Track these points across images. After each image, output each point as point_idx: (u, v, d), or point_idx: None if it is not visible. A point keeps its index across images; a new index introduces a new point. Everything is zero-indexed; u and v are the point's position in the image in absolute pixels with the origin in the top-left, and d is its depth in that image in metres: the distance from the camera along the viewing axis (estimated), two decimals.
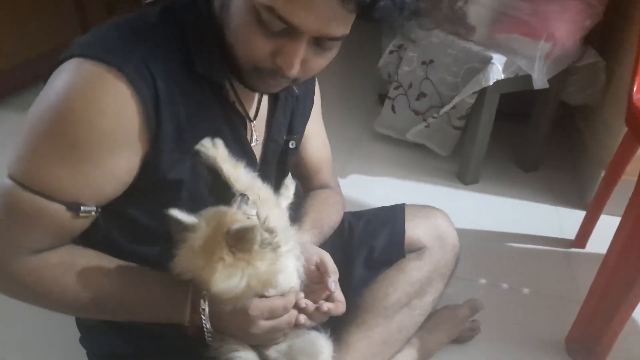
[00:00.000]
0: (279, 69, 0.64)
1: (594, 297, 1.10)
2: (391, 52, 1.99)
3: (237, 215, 0.64)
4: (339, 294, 0.76)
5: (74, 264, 0.66)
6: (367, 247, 0.98)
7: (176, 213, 0.63)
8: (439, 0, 1.77)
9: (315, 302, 0.74)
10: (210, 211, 0.65)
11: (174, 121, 0.66)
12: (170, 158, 0.67)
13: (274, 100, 0.81)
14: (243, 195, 0.67)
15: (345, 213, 1.02)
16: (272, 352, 0.74)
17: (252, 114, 0.79)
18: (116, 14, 2.72)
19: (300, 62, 0.63)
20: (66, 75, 0.62)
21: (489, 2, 1.63)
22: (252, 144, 0.79)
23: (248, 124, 0.77)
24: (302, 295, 0.73)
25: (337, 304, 0.75)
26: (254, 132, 0.79)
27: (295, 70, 0.63)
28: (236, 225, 0.61)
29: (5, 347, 1.10)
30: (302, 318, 0.72)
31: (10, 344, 1.11)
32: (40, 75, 0.67)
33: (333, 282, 0.75)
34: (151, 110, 0.63)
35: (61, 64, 0.64)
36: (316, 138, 0.97)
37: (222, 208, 0.66)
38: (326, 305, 0.73)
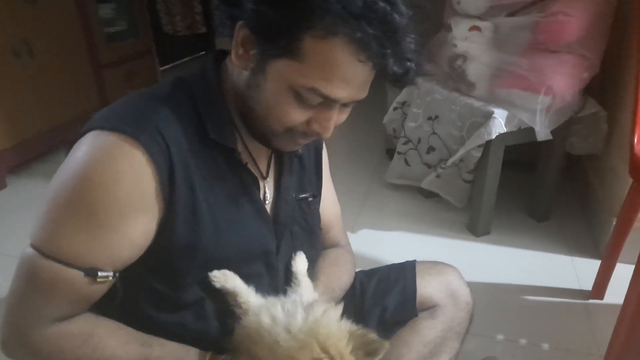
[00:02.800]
0: (313, 132, 0.71)
1: (614, 350, 1.07)
2: (395, 108, 2.06)
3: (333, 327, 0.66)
4: None
5: (92, 334, 0.67)
6: (380, 307, 0.97)
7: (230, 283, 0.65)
8: (439, 59, 1.84)
9: None
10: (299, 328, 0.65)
11: (188, 186, 0.68)
12: (184, 222, 0.69)
13: (279, 160, 0.85)
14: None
15: (356, 273, 1.02)
16: None
17: (264, 173, 0.82)
18: (133, 83, 2.89)
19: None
20: (85, 147, 0.66)
21: (486, 59, 1.69)
22: (266, 202, 0.81)
23: (261, 182, 0.80)
24: None
25: None
26: (267, 190, 0.82)
27: (330, 133, 0.71)
28: (370, 340, 0.63)
29: None
30: None
31: None
32: (62, 142, 0.71)
33: None
34: (165, 175, 0.66)
35: (81, 137, 0.68)
36: (326, 196, 0.99)
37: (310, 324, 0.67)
38: None
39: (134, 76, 2.91)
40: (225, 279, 0.72)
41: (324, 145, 0.98)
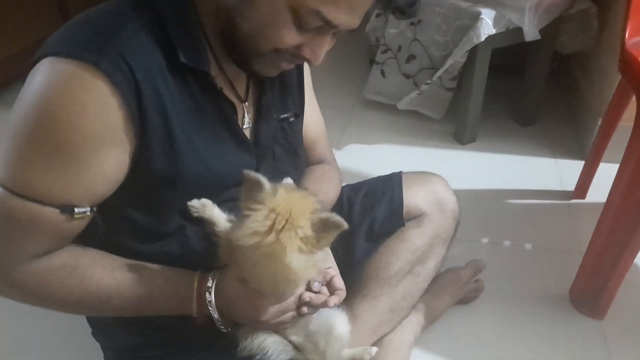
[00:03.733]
0: (302, 58, 0.67)
1: (596, 247, 1.11)
2: (377, 15, 1.95)
3: (317, 205, 0.66)
4: (338, 282, 0.77)
5: (77, 266, 0.67)
6: (368, 219, 0.98)
7: (254, 174, 0.63)
8: None
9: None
10: (282, 188, 0.65)
11: (160, 115, 0.64)
12: (162, 152, 0.66)
13: (260, 81, 0.80)
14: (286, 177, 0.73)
15: (343, 187, 1.02)
16: (292, 337, 0.77)
17: (242, 96, 0.78)
18: (96, 3, 2.67)
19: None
20: (42, 77, 0.60)
21: None
22: (245, 127, 0.78)
23: (239, 107, 0.76)
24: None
25: (339, 293, 0.76)
26: (246, 115, 0.78)
27: (319, 61, 0.68)
28: (329, 216, 0.63)
29: (19, 339, 1.12)
30: (305, 308, 0.73)
31: (25, 337, 1.13)
32: (24, 71, 0.66)
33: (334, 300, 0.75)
34: (134, 104, 0.62)
35: (36, 63, 0.62)
36: (309, 114, 0.96)
37: (289, 185, 0.69)
38: (332, 301, 0.74)
39: None
40: (203, 208, 0.71)
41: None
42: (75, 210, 0.64)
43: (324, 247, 0.65)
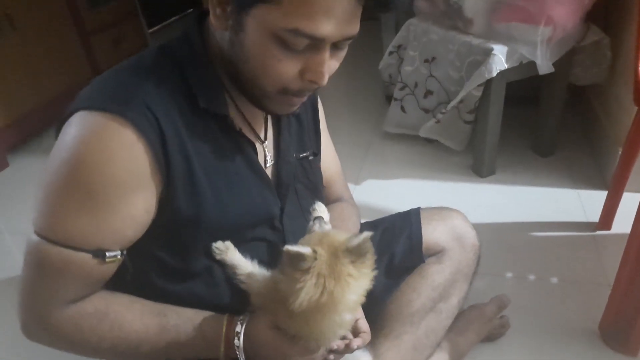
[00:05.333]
0: (309, 84, 0.66)
1: (623, 279, 1.08)
2: (391, 53, 2.00)
3: (340, 234, 0.68)
4: (363, 324, 0.77)
5: (107, 312, 0.69)
6: (387, 255, 0.98)
7: (291, 247, 0.63)
8: None
9: None
10: (309, 239, 0.68)
11: (183, 157, 0.67)
12: (184, 193, 0.68)
13: (277, 122, 0.83)
14: (319, 217, 0.74)
15: (362, 224, 1.02)
16: None
17: (262, 136, 0.80)
18: (122, 49, 2.82)
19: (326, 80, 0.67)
20: (73, 130, 0.64)
21: None
22: (268, 165, 0.80)
23: (259, 147, 0.78)
24: None
25: (363, 336, 0.76)
26: (267, 154, 0.81)
27: (326, 79, 0.66)
28: (357, 242, 0.64)
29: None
30: (332, 356, 0.74)
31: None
32: (58, 116, 0.71)
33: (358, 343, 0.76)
34: (159, 149, 0.65)
35: (68, 117, 0.66)
36: (325, 153, 0.98)
37: (316, 233, 0.70)
38: (355, 344, 0.74)
39: (122, 41, 2.83)
40: (226, 251, 0.73)
41: (319, 101, 0.95)
42: (107, 254, 0.66)
43: (372, 266, 0.67)
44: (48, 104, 2.32)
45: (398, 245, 0.99)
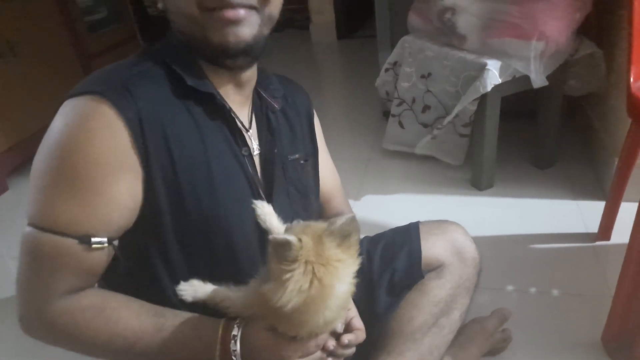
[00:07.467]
0: None
1: (623, 290, 1.08)
2: (387, 70, 2.02)
3: (321, 224, 0.66)
4: (357, 322, 0.77)
5: (104, 307, 0.69)
6: (388, 272, 0.98)
7: (276, 236, 0.62)
8: (428, 14, 1.80)
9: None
10: (291, 231, 0.66)
11: (161, 143, 0.68)
12: (164, 181, 0.69)
13: (263, 116, 0.84)
14: (296, 220, 0.73)
15: (362, 240, 1.02)
16: None
17: (246, 124, 0.81)
18: None
19: None
20: (58, 116, 0.67)
21: (476, 10, 1.65)
22: (255, 154, 0.81)
23: (245, 134, 0.79)
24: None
25: (357, 333, 0.76)
26: (253, 141, 0.81)
27: None
28: (340, 225, 0.63)
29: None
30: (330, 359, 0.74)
31: None
32: None
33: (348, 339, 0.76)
34: (137, 129, 0.66)
35: None
36: (324, 168, 0.99)
37: (298, 225, 0.68)
38: (346, 338, 0.74)
39: None
40: (194, 289, 0.72)
41: (315, 114, 0.97)
42: (92, 239, 0.66)
43: (357, 248, 0.66)
44: (47, 129, 2.33)
45: (398, 261, 0.99)
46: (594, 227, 1.52)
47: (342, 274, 0.64)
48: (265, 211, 0.75)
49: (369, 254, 1.02)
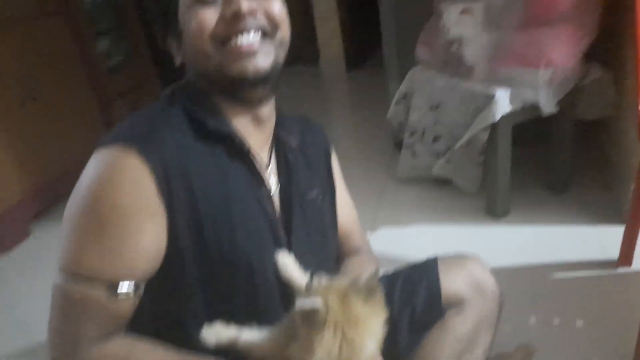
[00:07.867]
0: (233, 22, 0.70)
1: None
2: (397, 102, 2.05)
3: (342, 279, 0.66)
4: None
5: (130, 355, 0.70)
6: (408, 310, 0.98)
7: (302, 304, 0.60)
8: (434, 46, 1.83)
9: None
10: (317, 289, 0.65)
11: (185, 189, 0.70)
12: (187, 227, 0.71)
13: (282, 155, 0.86)
14: (316, 276, 0.72)
15: (379, 279, 1.02)
16: None
17: (265, 162, 0.83)
18: None
19: (253, 8, 0.71)
20: (89, 165, 0.71)
21: (482, 41, 1.68)
22: (272, 193, 0.82)
23: (264, 174, 0.81)
24: None
25: None
26: (272, 179, 0.83)
27: (245, 5, 0.70)
28: (365, 284, 0.63)
29: None
30: None
31: None
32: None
33: None
34: (162, 176, 0.69)
35: None
36: (341, 203, 1.00)
37: (319, 286, 0.67)
38: None
39: (141, 106, 2.92)
40: (217, 334, 0.70)
41: (333, 150, 0.99)
42: (119, 287, 0.67)
43: (383, 304, 0.66)
44: (69, 172, 2.35)
45: (418, 298, 0.98)
46: (613, 252, 1.50)
47: (373, 331, 0.63)
48: (286, 262, 0.76)
49: (388, 294, 1.01)
